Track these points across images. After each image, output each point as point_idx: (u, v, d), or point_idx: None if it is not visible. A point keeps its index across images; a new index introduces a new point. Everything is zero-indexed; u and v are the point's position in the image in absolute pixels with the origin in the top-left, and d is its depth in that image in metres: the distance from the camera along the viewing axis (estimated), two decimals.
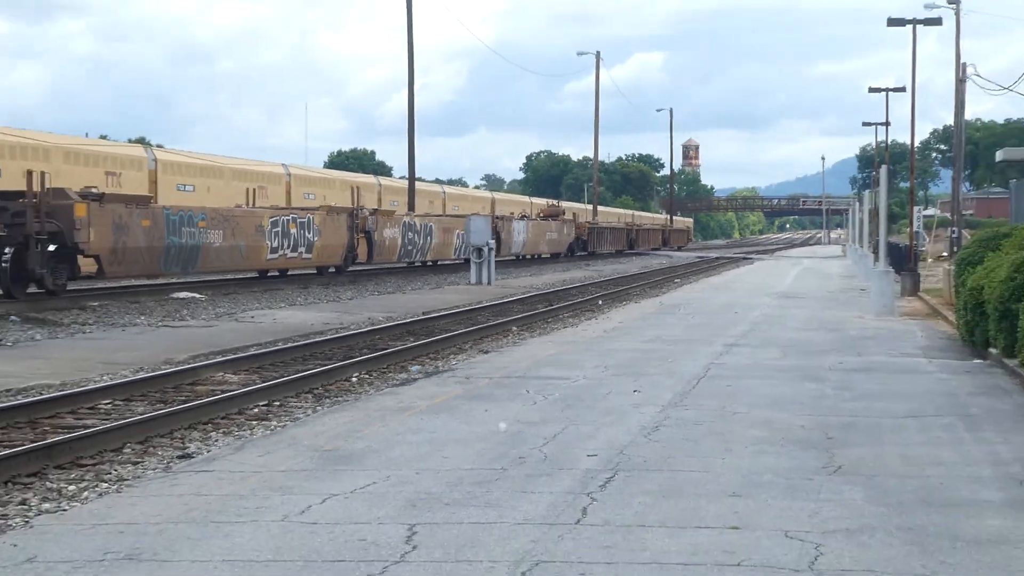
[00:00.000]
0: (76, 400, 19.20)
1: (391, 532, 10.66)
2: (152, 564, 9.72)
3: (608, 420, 16.77)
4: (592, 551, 10.09)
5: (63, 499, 12.62)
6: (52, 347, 27.09)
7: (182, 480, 13.16)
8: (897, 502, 11.92)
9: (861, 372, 22.56)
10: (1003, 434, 15.79)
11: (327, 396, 20.25)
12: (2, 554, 10.08)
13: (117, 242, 37.20)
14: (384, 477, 13.02)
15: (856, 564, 9.74)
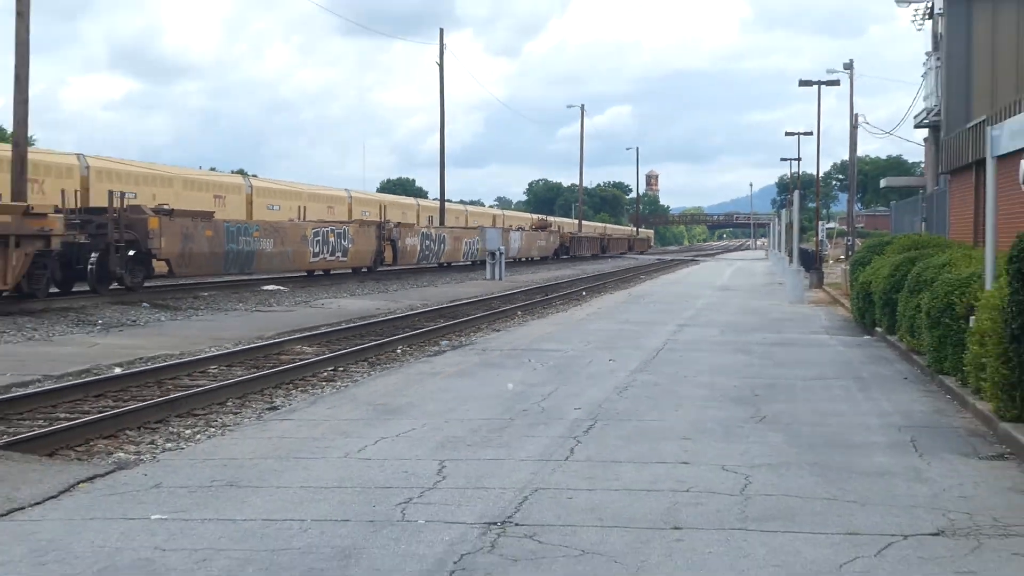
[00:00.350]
0: (191, 366, 19.49)
1: (426, 466, 10.85)
2: (248, 489, 9.94)
3: (590, 382, 16.85)
4: (578, 481, 10.30)
5: (181, 440, 12.89)
6: (173, 327, 27.16)
7: (270, 426, 13.39)
8: (807, 444, 12.11)
9: (779, 346, 22.62)
10: (886, 393, 15.98)
11: (378, 363, 20.33)
12: (136, 481, 10.28)
13: (184, 248, 36.95)
14: (421, 425, 13.18)
15: (776, 490, 9.94)
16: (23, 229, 27.69)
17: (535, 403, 14.84)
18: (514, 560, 7.78)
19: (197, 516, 9.00)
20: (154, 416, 14.27)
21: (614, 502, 9.48)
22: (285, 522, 8.80)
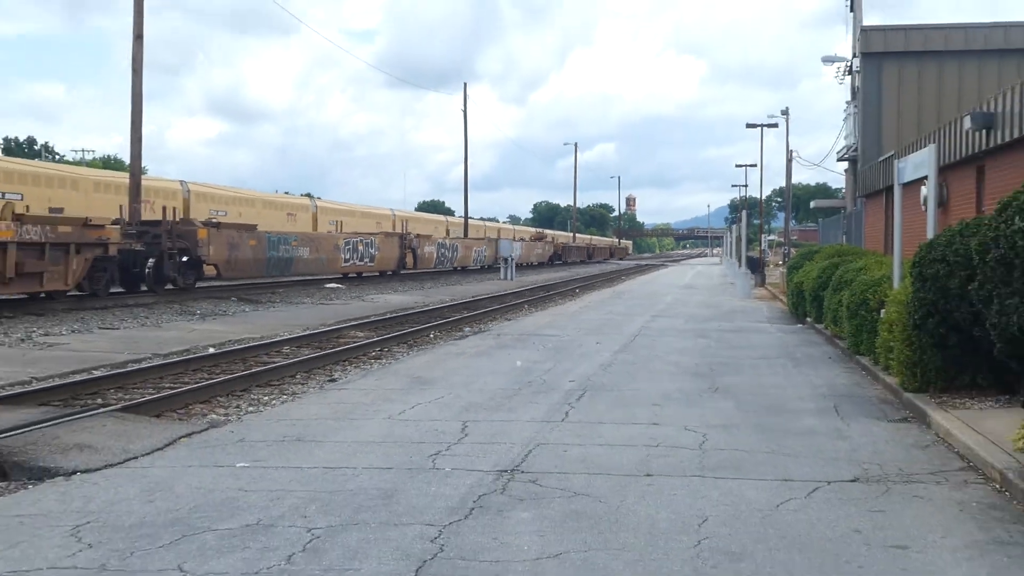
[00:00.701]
0: (268, 347, 19.48)
1: (452, 426, 10.85)
2: (311, 443, 9.97)
3: (581, 360, 16.84)
4: (570, 438, 10.30)
5: (260, 405, 12.88)
6: (255, 316, 27.18)
7: (329, 394, 13.38)
8: (752, 409, 12.09)
9: (731, 332, 22.62)
10: (815, 369, 15.96)
11: (415, 345, 20.25)
12: (225, 437, 10.33)
13: (230, 255, 35.41)
14: (448, 393, 13.17)
15: (727, 445, 9.96)
16: (83, 238, 26.90)
17: (537, 377, 14.84)
18: (520, 500, 7.81)
19: (272, 464, 9.06)
20: (239, 386, 14.30)
21: (599, 454, 9.49)
22: (341, 469, 8.84)
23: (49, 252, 25.37)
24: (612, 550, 6.58)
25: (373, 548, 6.58)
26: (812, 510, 7.57)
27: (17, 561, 6.37)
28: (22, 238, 24.12)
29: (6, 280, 23.77)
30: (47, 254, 25.28)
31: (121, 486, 8.28)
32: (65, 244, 26.09)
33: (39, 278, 25.28)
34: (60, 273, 26.01)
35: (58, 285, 26.17)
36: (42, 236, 25.01)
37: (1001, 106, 17.85)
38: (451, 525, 7.11)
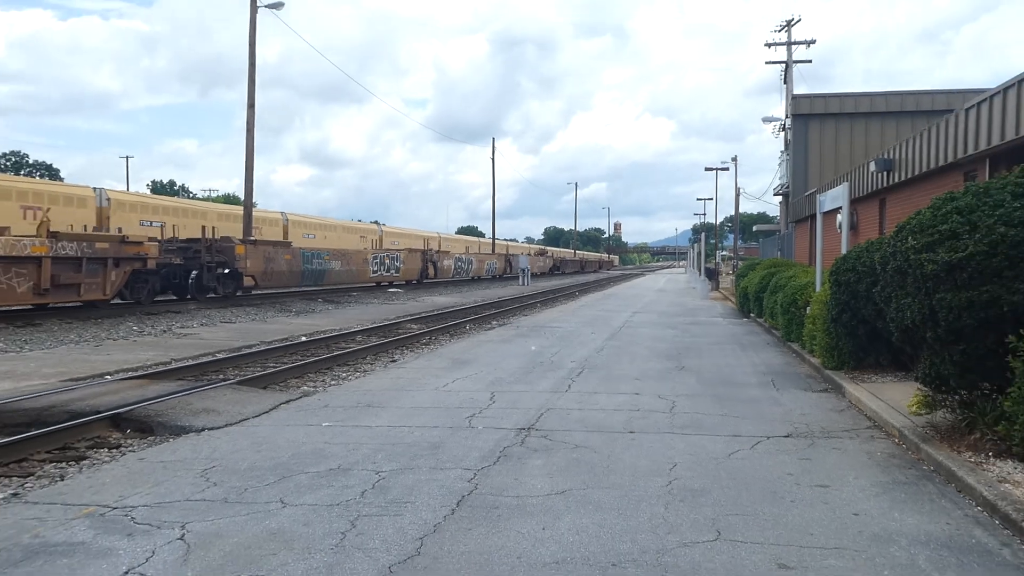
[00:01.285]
0: (346, 336, 19.42)
1: (483, 395, 10.84)
2: (378, 408, 9.95)
3: (580, 346, 16.81)
4: (572, 403, 10.28)
5: (340, 379, 12.84)
6: (336, 312, 27.23)
7: (391, 371, 13.37)
8: (709, 383, 12.04)
9: (694, 324, 22.56)
10: (757, 352, 15.89)
11: (455, 334, 20.22)
12: (313, 403, 10.33)
13: (267, 268, 32.00)
14: (480, 371, 13.15)
15: (691, 409, 9.92)
16: (120, 253, 23.86)
17: (547, 358, 14.80)
18: (535, 450, 7.79)
19: (349, 424, 9.07)
20: (324, 365, 14.33)
21: (594, 416, 9.47)
22: (400, 427, 8.84)
23: (86, 266, 22.56)
24: (604, 488, 6.56)
25: (425, 486, 6.58)
26: (756, 458, 7.54)
27: (162, 494, 6.41)
28: (57, 253, 21.63)
29: (42, 291, 21.37)
30: (84, 267, 22.50)
31: (237, 440, 8.32)
32: (102, 259, 23.26)
33: (76, 289, 22.46)
34: (98, 284, 23.20)
35: (96, 295, 23.28)
36: (78, 251, 22.26)
37: (898, 154, 17.80)
38: (483, 469, 7.10)
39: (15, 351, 15.76)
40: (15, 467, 7.74)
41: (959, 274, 7.28)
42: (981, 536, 5.51)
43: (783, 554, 5.16)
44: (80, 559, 5.08)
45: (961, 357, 7.42)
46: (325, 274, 37.04)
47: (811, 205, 26.54)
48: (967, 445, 7.32)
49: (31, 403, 9.98)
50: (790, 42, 46.17)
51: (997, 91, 12.12)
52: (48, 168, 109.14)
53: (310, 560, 5.03)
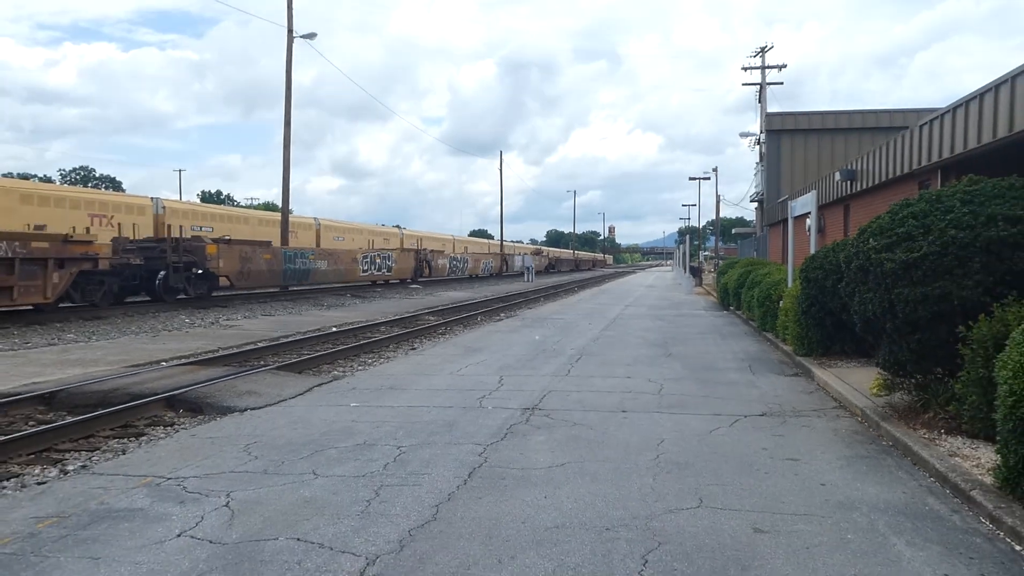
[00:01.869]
0: (370, 327, 19.29)
1: (492, 379, 10.81)
2: (399, 390, 9.93)
3: (578, 335, 16.77)
4: (571, 386, 10.24)
5: (366, 365, 12.83)
6: (363, 306, 27.26)
7: (411, 357, 13.34)
8: (693, 368, 11.98)
9: (680, 316, 22.49)
10: (737, 341, 15.80)
11: (467, 325, 20.18)
12: (343, 386, 10.32)
13: (242, 268, 27.60)
14: (489, 357, 13.11)
15: (677, 391, 9.87)
16: (63, 253, 19.83)
17: (550, 346, 14.77)
18: (538, 428, 7.77)
19: (374, 404, 9.06)
20: (352, 352, 14.29)
21: (591, 398, 9.44)
22: (419, 407, 8.83)
23: (20, 267, 18.35)
24: (599, 461, 6.54)
25: (440, 459, 6.57)
26: (734, 434, 7.50)
27: (210, 467, 6.41)
28: None
29: None
30: (17, 269, 18.28)
31: (275, 419, 8.32)
32: (41, 259, 19.15)
33: (9, 292, 18.26)
34: (37, 287, 19.06)
35: (35, 299, 19.17)
36: (8, 252, 18.09)
37: (860, 165, 17.70)
38: (492, 444, 7.09)
39: (84, 341, 15.81)
40: (84, 442, 7.77)
41: (915, 272, 7.25)
42: (934, 504, 5.48)
43: (758, 519, 5.13)
44: (139, 523, 5.10)
45: (917, 345, 7.39)
46: (310, 273, 33.06)
47: (783, 210, 26.44)
48: (922, 423, 7.28)
49: (98, 387, 10.02)
50: (764, 66, 46.08)
51: (948, 110, 12.05)
52: (112, 181, 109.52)
53: (339, 525, 5.03)
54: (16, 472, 6.72)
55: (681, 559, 4.47)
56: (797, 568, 4.36)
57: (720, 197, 72.10)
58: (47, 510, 5.40)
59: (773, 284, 16.32)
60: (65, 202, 30.44)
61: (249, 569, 4.34)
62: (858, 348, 11.63)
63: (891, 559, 4.51)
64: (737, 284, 22.44)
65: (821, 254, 11.72)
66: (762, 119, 43.15)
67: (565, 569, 4.33)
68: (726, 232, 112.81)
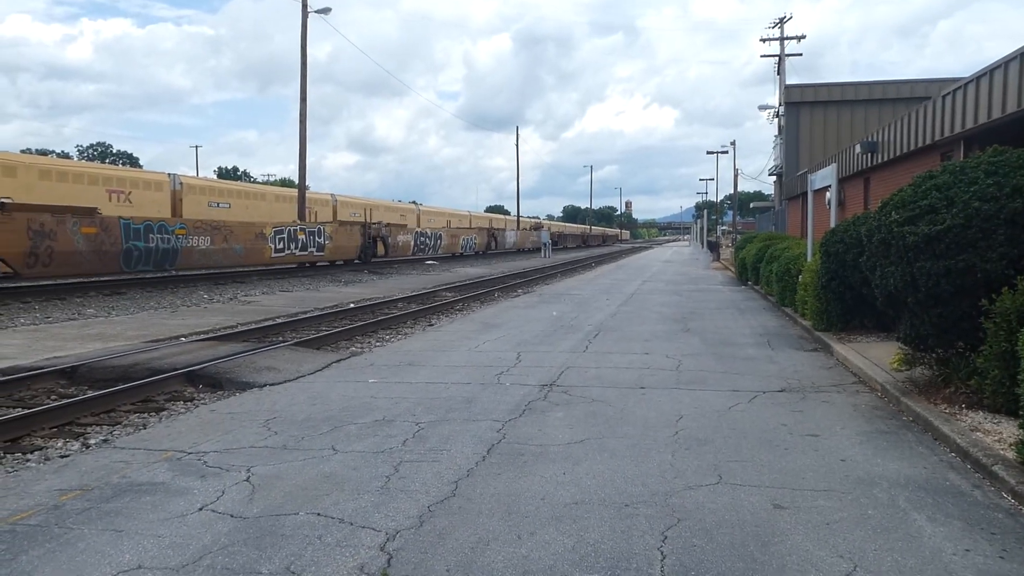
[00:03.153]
0: (388, 303, 19.32)
1: (510, 355, 10.81)
2: (418, 366, 9.96)
3: (596, 311, 16.75)
4: (590, 362, 10.24)
5: (383, 341, 12.87)
6: (380, 282, 27.30)
7: (429, 334, 13.36)
8: (711, 343, 11.95)
9: (697, 291, 22.41)
10: (755, 316, 15.73)
11: (484, 301, 20.16)
12: (361, 362, 10.36)
13: (35, 247, 19.02)
14: (507, 333, 13.11)
15: (695, 367, 9.85)
16: None
17: (567, 322, 14.75)
18: (556, 404, 7.77)
19: (392, 380, 9.08)
20: (370, 329, 14.32)
21: (609, 374, 9.42)
22: (437, 383, 8.84)
23: None
24: (618, 437, 6.53)
25: (459, 436, 6.58)
26: (753, 410, 7.47)
27: (230, 442, 6.46)
28: None
29: None
30: None
31: (294, 394, 8.36)
32: None
33: None
34: None
35: None
36: None
37: (881, 137, 17.45)
38: (510, 421, 7.09)
39: (103, 316, 15.95)
40: (105, 416, 7.85)
41: (937, 245, 7.14)
42: (955, 479, 5.43)
43: (778, 495, 5.11)
44: (161, 497, 5.14)
45: (939, 319, 7.30)
46: (178, 254, 23.91)
47: (803, 184, 26.17)
48: (943, 398, 7.21)
49: (118, 361, 10.11)
50: (783, 37, 45.42)
51: (971, 79, 11.82)
52: (129, 157, 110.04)
53: (359, 500, 5.05)
54: (40, 445, 6.81)
55: (701, 535, 4.46)
56: (817, 544, 4.34)
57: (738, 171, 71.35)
58: (70, 483, 5.46)
59: (792, 258, 16.19)
60: (83, 178, 30.57)
61: (270, 543, 4.37)
62: (878, 323, 11.54)
63: (912, 534, 4.48)
64: (755, 259, 22.30)
65: (841, 228, 11.59)
66: (781, 91, 42.60)
67: (585, 545, 4.33)
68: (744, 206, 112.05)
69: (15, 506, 5.02)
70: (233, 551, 4.28)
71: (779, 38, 45.48)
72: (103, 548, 4.33)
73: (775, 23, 45.90)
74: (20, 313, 16.11)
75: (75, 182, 29.93)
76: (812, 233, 16.00)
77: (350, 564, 4.10)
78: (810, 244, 15.37)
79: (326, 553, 4.24)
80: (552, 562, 4.12)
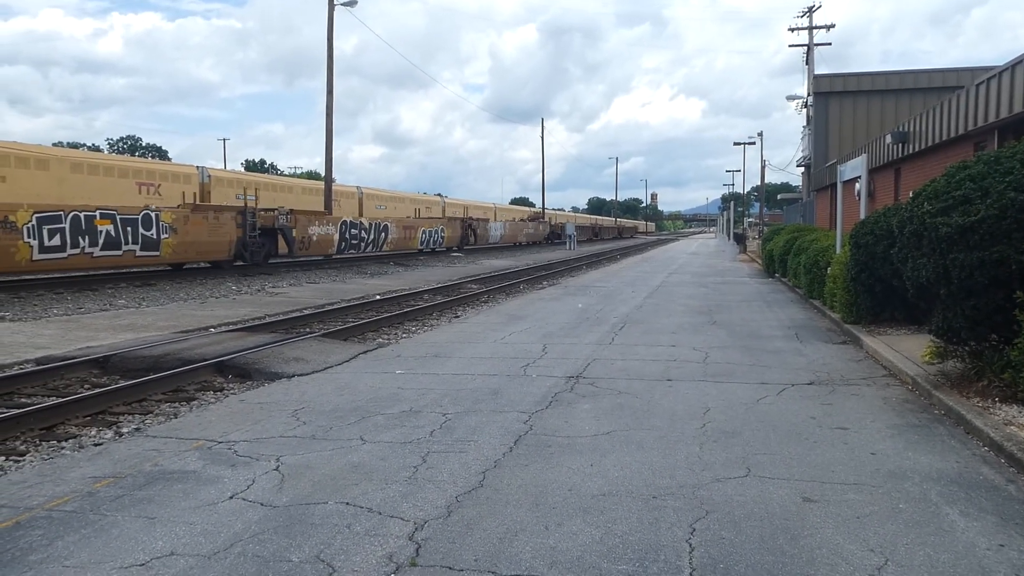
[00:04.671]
0: (413, 295, 19.46)
1: (536, 346, 10.83)
2: (444, 358, 10.00)
3: (621, 303, 16.71)
4: (615, 354, 10.23)
5: (409, 332, 12.92)
6: (406, 274, 27.42)
7: (455, 325, 13.41)
8: (739, 335, 11.88)
9: (723, 284, 22.27)
10: (782, 309, 15.60)
11: (510, 293, 20.17)
12: (388, 353, 10.40)
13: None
14: (533, 325, 13.12)
15: (722, 359, 9.80)
16: None
17: (593, 314, 14.72)
18: (582, 396, 7.76)
19: (419, 371, 9.12)
20: (396, 320, 14.39)
21: (635, 366, 9.39)
22: (463, 375, 8.86)
23: None
24: (645, 429, 6.51)
25: (486, 427, 6.60)
26: (781, 403, 7.41)
27: (259, 431, 6.52)
28: None
29: None
30: None
31: (322, 385, 8.42)
32: None
33: None
34: None
35: None
36: None
37: (912, 127, 17.19)
38: (537, 412, 7.10)
39: (134, 307, 16.17)
40: (137, 406, 7.96)
41: (971, 236, 7.03)
42: (988, 473, 5.35)
43: (807, 489, 5.07)
44: (192, 485, 5.21)
45: (972, 311, 7.19)
46: None
47: (832, 175, 25.88)
48: (975, 391, 7.11)
49: (149, 351, 10.24)
50: (811, 27, 44.91)
51: (1005, 68, 11.60)
52: (158, 150, 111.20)
53: (387, 490, 5.08)
54: (74, 433, 6.93)
55: (729, 528, 4.44)
56: (848, 538, 4.30)
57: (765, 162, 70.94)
58: (104, 470, 5.55)
59: (821, 250, 16.02)
60: (114, 171, 30.94)
61: (300, 531, 4.41)
62: (909, 315, 11.39)
63: (944, 529, 4.42)
64: (783, 251, 22.09)
65: (872, 219, 11.45)
66: (809, 81, 42.11)
67: (612, 536, 4.32)
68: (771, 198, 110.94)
69: (51, 492, 5.11)
70: (263, 539, 4.32)
71: (808, 27, 44.98)
72: (136, 534, 4.40)
73: (804, 12, 45.41)
74: (53, 304, 16.37)
75: (106, 175, 30.31)
76: (841, 225, 15.80)
77: (379, 553, 4.13)
78: (839, 236, 15.19)
79: (355, 542, 4.27)
80: (580, 553, 4.12)
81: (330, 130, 34.46)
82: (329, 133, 34.47)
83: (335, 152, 35.40)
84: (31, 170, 26.26)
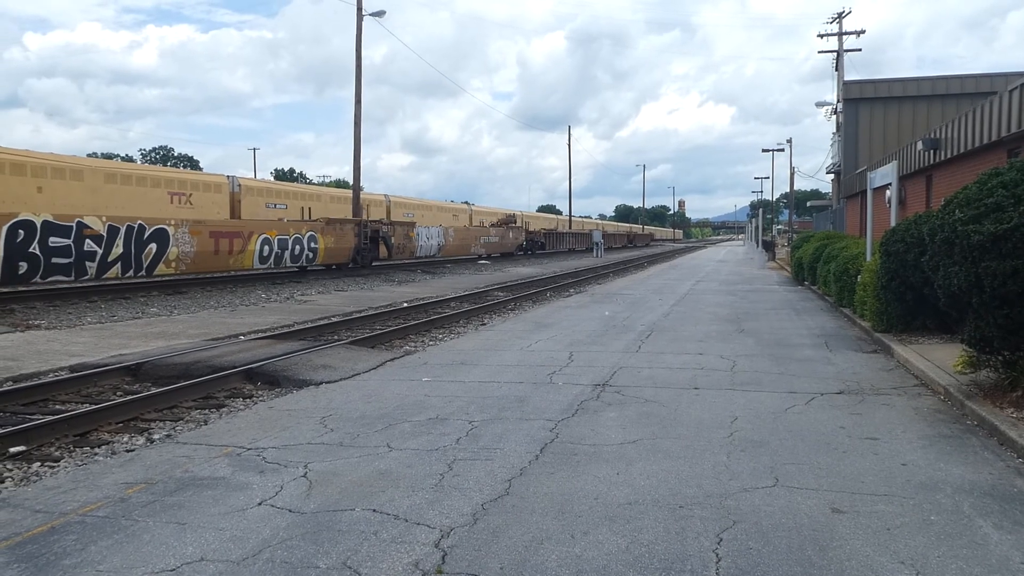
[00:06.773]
0: (441, 302, 19.52)
1: (562, 354, 10.82)
2: (470, 366, 10.03)
3: (648, 311, 16.65)
4: (642, 362, 10.20)
5: (436, 340, 12.98)
6: (433, 281, 27.54)
7: (481, 333, 13.43)
8: (767, 344, 11.79)
9: (752, 291, 22.09)
10: (812, 316, 15.45)
11: (537, 301, 20.17)
12: (415, 361, 10.46)
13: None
14: (559, 333, 13.11)
15: (750, 368, 9.74)
16: None
17: (619, 322, 14.67)
18: (609, 404, 7.74)
19: (445, 379, 9.15)
20: (423, 328, 14.45)
21: (662, 374, 9.35)
22: (490, 383, 8.88)
23: None
24: (671, 438, 6.48)
25: (512, 435, 6.61)
26: (810, 413, 7.34)
27: (288, 438, 6.58)
28: None
29: None
30: None
31: (350, 392, 8.48)
32: None
33: None
34: None
35: None
36: None
37: (944, 134, 16.97)
38: (563, 420, 7.09)
39: (166, 315, 16.39)
40: (168, 412, 8.07)
41: (1004, 244, 6.93)
42: (1023, 485, 5.26)
43: (836, 499, 5.01)
44: (222, 491, 5.27)
45: (1005, 320, 7.08)
46: None
47: (862, 182, 25.60)
48: (1009, 402, 6.99)
49: (180, 359, 10.38)
50: (841, 32, 44.53)
51: None
52: (189, 160, 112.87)
53: (414, 497, 5.11)
54: (106, 440, 7.04)
55: (757, 538, 4.40)
56: (878, 549, 4.25)
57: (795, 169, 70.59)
58: (136, 476, 5.63)
59: (851, 258, 15.87)
60: (146, 181, 31.42)
61: (328, 538, 4.45)
62: (940, 324, 11.23)
63: (977, 542, 4.35)
64: (812, 258, 21.90)
65: (902, 227, 11.31)
66: (839, 87, 41.75)
67: (639, 546, 4.31)
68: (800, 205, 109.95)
69: (85, 498, 5.20)
70: (291, 545, 4.36)
71: (838, 33, 44.61)
72: (167, 540, 4.46)
73: (833, 19, 45.06)
74: (88, 312, 16.65)
75: (138, 185, 30.79)
76: (871, 232, 15.64)
77: (405, 560, 4.15)
78: (869, 243, 15.04)
79: (382, 549, 4.30)
80: (605, 562, 4.11)
81: (358, 139, 34.73)
82: (357, 142, 34.75)
83: (363, 160, 35.72)
84: (66, 180, 26.76)
